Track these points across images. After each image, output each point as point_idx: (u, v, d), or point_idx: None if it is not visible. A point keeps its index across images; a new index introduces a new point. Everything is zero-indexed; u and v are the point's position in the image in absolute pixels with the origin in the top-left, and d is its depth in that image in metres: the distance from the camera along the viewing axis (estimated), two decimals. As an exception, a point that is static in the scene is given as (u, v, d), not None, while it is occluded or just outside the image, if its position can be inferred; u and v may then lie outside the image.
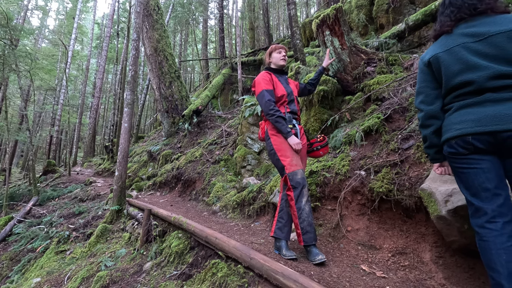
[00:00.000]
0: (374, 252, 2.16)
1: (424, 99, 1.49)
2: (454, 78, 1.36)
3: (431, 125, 1.47)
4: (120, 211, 4.82)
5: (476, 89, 1.31)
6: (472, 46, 1.33)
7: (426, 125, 1.49)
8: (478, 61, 1.30)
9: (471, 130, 1.29)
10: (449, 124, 1.39)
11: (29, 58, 8.98)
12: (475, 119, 1.30)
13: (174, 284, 2.42)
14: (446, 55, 1.39)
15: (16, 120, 17.37)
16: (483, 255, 1.27)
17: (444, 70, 1.39)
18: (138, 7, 5.65)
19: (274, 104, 2.28)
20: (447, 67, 1.38)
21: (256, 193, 3.67)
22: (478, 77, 1.29)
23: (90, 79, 26.13)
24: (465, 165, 1.34)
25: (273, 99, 2.30)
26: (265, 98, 2.28)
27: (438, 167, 1.57)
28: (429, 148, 1.53)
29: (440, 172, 1.55)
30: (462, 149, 1.33)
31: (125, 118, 5.19)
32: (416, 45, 4.82)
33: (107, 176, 10.90)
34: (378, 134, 2.85)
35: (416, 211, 2.05)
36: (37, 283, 3.53)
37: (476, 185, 1.31)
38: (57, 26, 27.30)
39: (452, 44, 1.39)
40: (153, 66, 9.11)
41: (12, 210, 7.91)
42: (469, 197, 1.34)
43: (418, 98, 1.53)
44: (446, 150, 1.42)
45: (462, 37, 1.38)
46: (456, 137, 1.35)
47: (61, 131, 18.65)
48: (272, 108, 2.25)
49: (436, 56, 1.42)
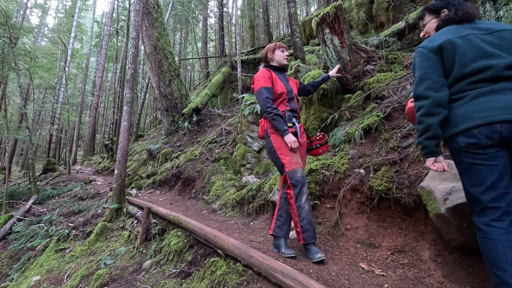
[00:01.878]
0: (373, 250, 2.16)
1: (431, 85, 1.38)
2: (469, 64, 1.32)
3: (438, 113, 1.36)
4: (119, 209, 4.83)
5: (493, 75, 1.28)
6: (484, 37, 1.34)
7: (434, 113, 1.36)
8: (494, 51, 1.30)
9: (500, 118, 1.22)
10: (467, 113, 1.31)
11: (29, 57, 8.96)
12: (501, 107, 1.24)
13: (173, 282, 2.42)
14: (461, 41, 1.35)
15: (15, 118, 17.36)
16: (487, 253, 1.24)
17: (458, 56, 1.35)
18: (137, 5, 5.63)
19: (272, 102, 2.27)
20: (462, 53, 1.34)
21: (256, 192, 3.67)
22: (497, 63, 1.28)
23: (90, 77, 26.08)
24: (480, 160, 1.28)
25: (271, 96, 2.29)
26: (263, 95, 2.26)
27: (433, 162, 1.43)
28: (430, 140, 1.39)
29: (437, 168, 1.42)
30: (487, 139, 1.25)
31: (125, 116, 5.18)
32: (416, 43, 4.81)
33: (107, 174, 10.90)
34: (378, 133, 2.84)
35: (415, 209, 2.05)
36: (36, 281, 3.54)
37: (488, 183, 1.26)
38: (56, 25, 27.23)
39: (464, 32, 1.37)
40: (153, 64, 9.09)
41: (12, 208, 7.91)
42: (478, 195, 1.28)
43: (422, 84, 1.41)
44: (462, 141, 1.31)
45: (471, 29, 1.38)
46: (481, 126, 1.26)
47: (61, 129, 18.65)
48: (269, 106, 2.24)
49: (450, 41, 1.37)
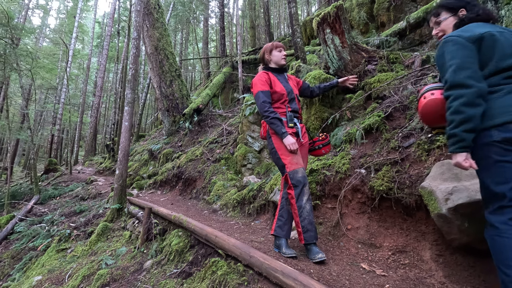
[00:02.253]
0: (374, 250, 2.15)
1: (472, 74, 1.31)
2: (507, 59, 1.32)
3: (480, 104, 1.29)
4: (121, 209, 4.83)
5: None
6: None
7: (476, 104, 1.29)
8: None
9: None
10: (504, 107, 1.29)
11: (30, 57, 9.00)
12: None
13: (174, 282, 2.43)
14: (500, 36, 1.35)
15: (17, 119, 17.42)
16: (500, 251, 1.24)
17: (498, 49, 1.34)
18: (138, 5, 5.64)
19: (269, 106, 2.27)
20: (501, 47, 1.34)
21: (257, 192, 3.67)
22: None
23: (91, 78, 26.14)
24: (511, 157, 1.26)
25: (269, 100, 2.29)
26: (260, 99, 2.28)
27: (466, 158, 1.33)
28: (469, 132, 1.30)
29: (469, 164, 1.33)
30: None
31: (126, 116, 5.20)
32: (417, 43, 4.80)
33: (108, 174, 10.93)
34: (379, 132, 2.84)
35: (417, 209, 2.04)
36: (38, 281, 3.55)
37: None
38: (58, 25, 27.30)
39: (498, 29, 1.38)
40: (154, 65, 9.11)
41: (14, 208, 7.94)
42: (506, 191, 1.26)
43: (461, 73, 1.32)
44: (497, 135, 1.28)
45: (500, 28, 1.39)
46: None
47: (63, 130, 18.70)
48: (266, 110, 2.25)
49: (491, 33, 1.35)
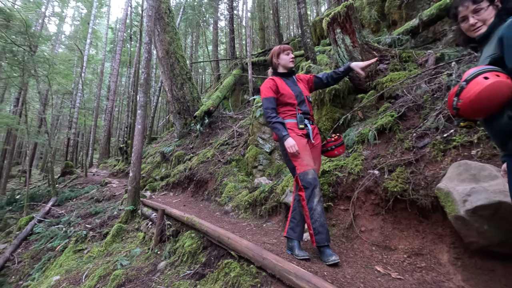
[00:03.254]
0: (389, 253, 2.11)
1: None
2: None
3: None
4: (134, 211, 4.92)
5: None
6: None
7: None
8: None
9: None
10: None
11: (47, 64, 9.30)
12: None
13: (187, 283, 2.45)
14: None
15: (35, 123, 18.00)
16: None
17: None
18: (150, 10, 5.75)
19: (271, 111, 2.30)
20: None
21: (268, 193, 3.66)
22: None
23: (105, 82, 26.79)
24: None
25: (272, 105, 2.32)
26: (263, 106, 2.34)
27: None
28: None
29: None
30: None
31: (139, 120, 5.30)
32: (430, 41, 4.69)
33: (122, 177, 11.15)
34: (392, 133, 2.79)
35: (433, 211, 2.00)
36: (56, 281, 3.66)
37: None
38: (72, 32, 28.13)
39: None
40: (165, 68, 9.25)
41: (33, 210, 8.21)
42: None
43: None
44: None
45: None
46: None
47: (78, 133, 19.24)
48: (269, 115, 2.29)
49: None
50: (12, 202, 9.32)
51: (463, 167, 1.81)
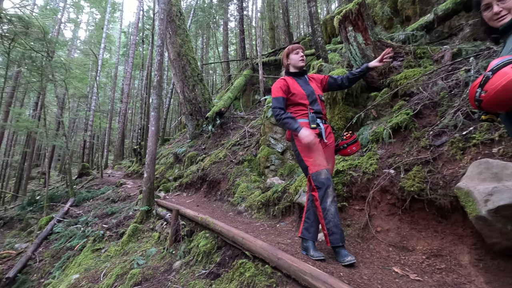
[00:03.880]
0: (406, 253, 2.07)
1: None
2: None
3: None
4: (149, 211, 5.01)
5: None
6: None
7: None
8: None
9: None
10: None
11: (64, 68, 9.58)
12: None
13: (203, 283, 2.48)
14: None
15: (53, 126, 18.62)
16: None
17: None
18: (161, 14, 5.84)
19: (279, 110, 2.31)
20: None
21: (281, 193, 3.66)
22: None
23: (118, 85, 27.41)
24: None
25: (280, 105, 2.32)
26: (272, 105, 2.35)
27: None
28: None
29: None
30: None
31: (152, 121, 5.39)
32: (446, 36, 4.57)
33: (136, 177, 11.37)
34: (408, 131, 2.73)
35: (452, 211, 1.94)
36: (76, 279, 3.76)
37: None
38: (87, 37, 28.93)
39: None
40: (177, 70, 9.38)
41: (52, 210, 8.49)
42: None
43: None
44: None
45: None
46: None
47: (93, 135, 19.76)
48: (277, 114, 2.29)
49: None
50: (32, 202, 9.67)
51: (484, 165, 1.75)
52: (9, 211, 10.79)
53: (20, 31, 8.42)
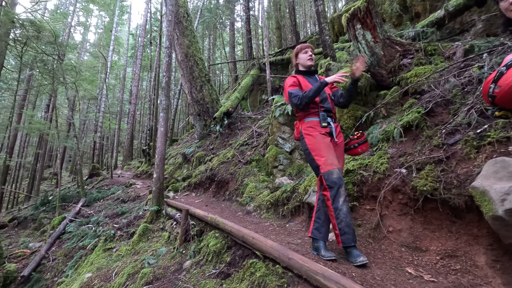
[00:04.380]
0: (419, 254, 2.04)
1: None
2: None
3: None
4: (159, 211, 5.06)
5: None
6: None
7: None
8: None
9: None
10: None
11: (74, 71, 9.75)
12: None
13: (213, 282, 2.49)
14: None
15: (64, 128, 18.98)
16: None
17: None
18: (169, 15, 5.89)
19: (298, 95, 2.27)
20: None
21: (290, 193, 3.65)
22: None
23: (127, 87, 27.79)
24: None
25: (297, 93, 2.30)
26: (291, 96, 2.31)
27: None
28: None
29: None
30: None
31: (161, 122, 5.44)
32: (457, 32, 4.48)
33: (145, 178, 11.50)
34: (419, 130, 2.69)
35: (467, 211, 1.90)
36: (89, 278, 3.83)
37: None
38: (96, 40, 29.41)
39: None
40: (185, 71, 9.44)
41: (64, 210, 8.66)
42: None
43: None
44: None
45: None
46: None
47: (103, 136, 20.06)
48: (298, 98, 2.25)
49: None
50: (45, 202, 9.88)
51: (500, 164, 1.71)
52: (23, 211, 11.07)
53: (32, 35, 8.61)
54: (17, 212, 11.53)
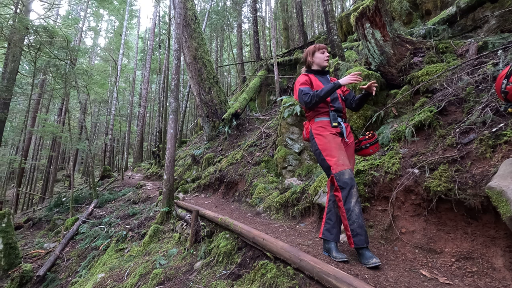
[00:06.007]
0: (434, 256, 2.00)
1: None
2: None
3: None
4: (169, 212, 5.11)
5: None
6: None
7: None
8: None
9: None
10: None
11: (86, 75, 9.97)
12: None
13: (224, 283, 2.50)
14: None
15: (76, 131, 19.38)
16: None
17: None
18: (178, 18, 5.96)
19: (309, 93, 2.24)
20: None
21: (300, 194, 3.63)
22: None
23: (136, 89, 28.19)
24: None
25: (308, 91, 2.27)
26: (303, 93, 2.27)
27: None
28: None
29: None
30: None
31: (171, 124, 5.50)
32: (470, 29, 4.38)
33: (155, 179, 11.64)
34: (432, 129, 2.64)
35: (483, 211, 1.86)
36: (101, 278, 3.89)
37: None
38: (107, 44, 29.97)
39: None
40: (193, 73, 9.53)
41: (77, 211, 8.84)
42: None
43: None
44: None
45: None
46: None
47: (114, 139, 20.41)
48: (309, 96, 2.22)
49: None
50: (59, 204, 10.11)
51: (518, 163, 1.67)
52: (37, 212, 11.35)
53: (45, 40, 8.84)
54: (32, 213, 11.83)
